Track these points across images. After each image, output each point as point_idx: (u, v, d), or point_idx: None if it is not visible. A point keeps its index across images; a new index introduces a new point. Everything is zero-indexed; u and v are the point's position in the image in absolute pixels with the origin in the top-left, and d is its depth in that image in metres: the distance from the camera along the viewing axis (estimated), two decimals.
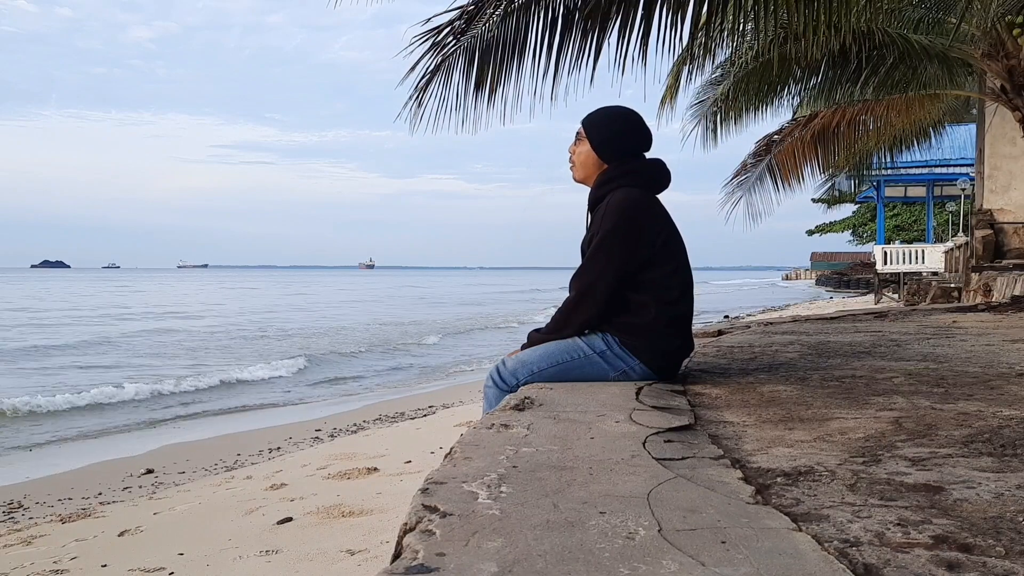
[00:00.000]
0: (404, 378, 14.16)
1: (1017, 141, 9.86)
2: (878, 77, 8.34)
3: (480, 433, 1.80)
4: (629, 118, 2.66)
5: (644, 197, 2.57)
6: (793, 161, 10.14)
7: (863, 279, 42.28)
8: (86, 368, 15.08)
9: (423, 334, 22.26)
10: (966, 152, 21.65)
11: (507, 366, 2.57)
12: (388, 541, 3.54)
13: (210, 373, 13.28)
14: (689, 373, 2.86)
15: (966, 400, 2.31)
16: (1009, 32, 7.48)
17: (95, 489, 6.21)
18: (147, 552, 4.12)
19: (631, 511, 1.24)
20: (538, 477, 1.43)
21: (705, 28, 4.49)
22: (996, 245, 12.00)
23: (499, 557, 1.04)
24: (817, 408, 2.21)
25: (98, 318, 29.62)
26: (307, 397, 11.79)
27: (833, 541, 1.14)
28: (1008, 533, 1.18)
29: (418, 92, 5.28)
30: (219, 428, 9.16)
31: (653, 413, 2.03)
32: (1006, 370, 2.93)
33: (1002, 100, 8.33)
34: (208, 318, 29.92)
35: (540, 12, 4.79)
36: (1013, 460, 1.61)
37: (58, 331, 23.46)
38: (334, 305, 41.57)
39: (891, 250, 25.14)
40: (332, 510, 4.45)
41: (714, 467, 1.55)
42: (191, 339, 21.20)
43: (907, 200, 32.71)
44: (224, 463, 6.97)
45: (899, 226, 41.89)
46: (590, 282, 2.52)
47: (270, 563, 3.71)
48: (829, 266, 65.34)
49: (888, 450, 1.71)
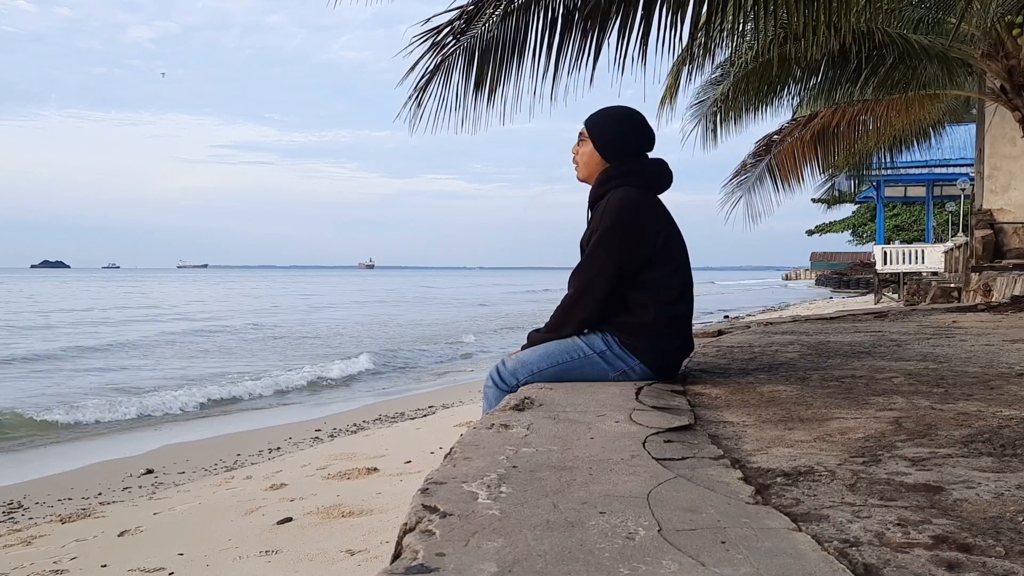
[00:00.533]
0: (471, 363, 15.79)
1: (1017, 141, 9.86)
2: (878, 77, 8.33)
3: (480, 433, 1.80)
4: (632, 118, 2.66)
5: (644, 196, 2.57)
6: (793, 161, 10.14)
7: (863, 279, 42.30)
8: (195, 364, 15.72)
9: (460, 332, 22.89)
10: (966, 152, 21.64)
11: (507, 366, 2.57)
12: (388, 541, 3.54)
13: (300, 370, 13.88)
14: (689, 373, 2.86)
15: (966, 400, 2.31)
16: (1009, 32, 7.48)
17: (95, 489, 6.21)
18: (147, 552, 4.12)
19: (631, 511, 1.24)
20: (538, 477, 1.43)
21: (705, 28, 4.49)
22: (996, 245, 12.00)
23: (499, 557, 1.04)
24: (817, 408, 2.21)
25: (149, 318, 29.79)
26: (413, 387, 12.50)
27: (833, 541, 1.14)
28: (1008, 533, 1.18)
29: (418, 92, 5.28)
30: (219, 428, 9.16)
31: (653, 413, 2.03)
32: (1006, 370, 2.93)
33: (1002, 100, 8.33)
34: (241, 317, 30.27)
35: (540, 12, 4.79)
36: (1013, 460, 1.61)
37: (132, 328, 24.04)
38: (359, 305, 41.48)
39: (891, 250, 25.13)
40: (332, 510, 4.44)
41: (714, 467, 1.55)
42: (262, 337, 21.66)
43: (907, 200, 32.70)
44: (224, 463, 6.97)
45: (899, 226, 41.89)
46: (588, 279, 2.52)
47: (270, 563, 3.71)
48: (829, 266, 65.32)
49: (888, 450, 1.71)
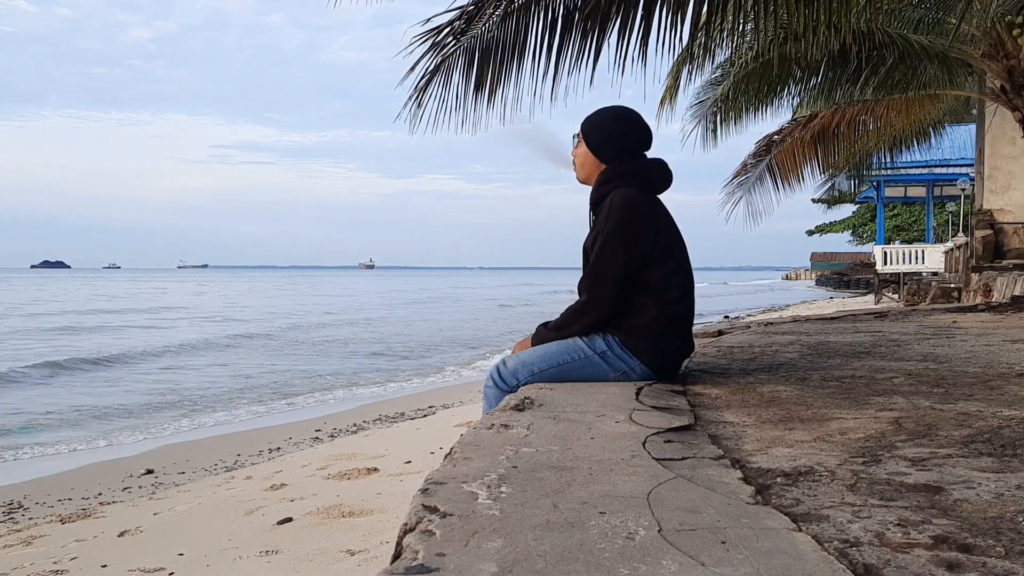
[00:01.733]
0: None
1: (1017, 141, 9.86)
2: (878, 77, 8.33)
3: (480, 433, 1.80)
4: (627, 118, 2.64)
5: (644, 197, 2.57)
6: (793, 161, 10.14)
7: (863, 279, 42.29)
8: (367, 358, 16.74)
9: (503, 333, 23.32)
10: (966, 152, 21.63)
11: (507, 366, 2.57)
12: (388, 541, 3.53)
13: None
14: (689, 373, 2.86)
15: (966, 400, 2.31)
16: (1009, 32, 7.48)
17: (95, 489, 6.21)
18: (147, 552, 4.12)
19: (631, 511, 1.24)
20: (538, 477, 1.43)
21: (705, 28, 4.49)
22: (996, 245, 11.99)
23: (499, 557, 1.04)
24: (817, 408, 2.21)
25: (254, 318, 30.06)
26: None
27: (833, 541, 1.14)
28: (1008, 533, 1.18)
29: (418, 92, 5.28)
30: (218, 428, 9.16)
31: (653, 413, 2.03)
32: (1006, 370, 2.93)
33: (1002, 100, 8.33)
34: (299, 316, 30.93)
35: (540, 12, 4.78)
36: (1013, 460, 1.61)
37: (255, 325, 25.16)
38: (399, 306, 41.30)
39: (891, 250, 25.12)
40: (332, 510, 4.44)
41: (714, 467, 1.55)
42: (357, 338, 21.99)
43: (907, 200, 32.69)
44: (224, 463, 6.97)
45: (899, 226, 41.88)
46: (599, 286, 2.51)
47: (270, 563, 3.71)
48: (829, 266, 65.26)
49: (888, 450, 1.71)
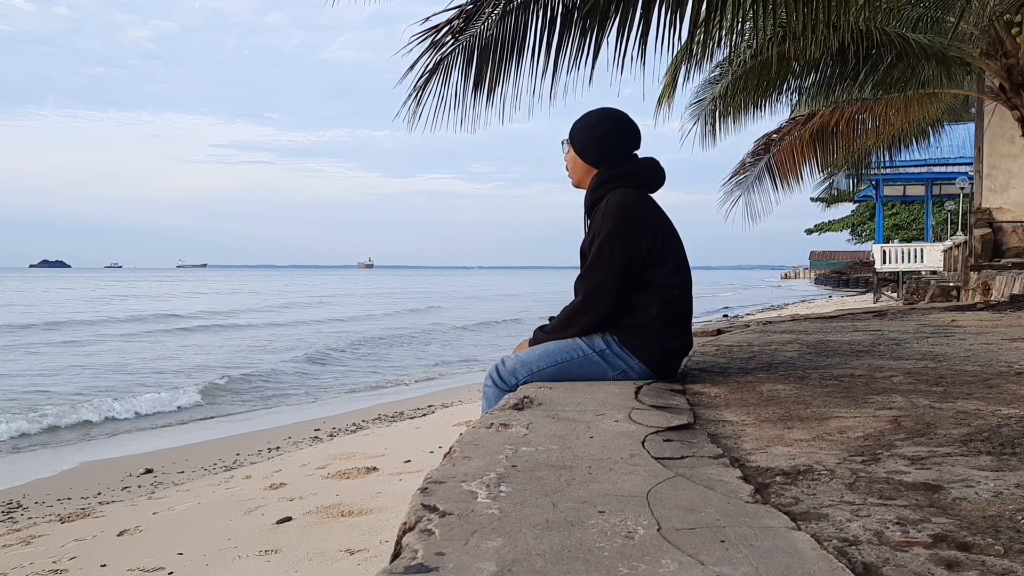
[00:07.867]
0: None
1: (1016, 140, 9.85)
2: (877, 76, 8.32)
3: (479, 432, 1.80)
4: (612, 119, 2.63)
5: (640, 197, 2.57)
6: (792, 160, 10.14)
7: (862, 278, 42.33)
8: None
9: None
10: (965, 151, 21.62)
11: (506, 365, 2.57)
12: (387, 541, 3.54)
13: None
14: (688, 372, 2.86)
15: (965, 399, 2.31)
16: (1007, 31, 7.48)
17: (94, 489, 6.20)
18: (146, 552, 4.12)
19: (630, 510, 1.24)
20: (537, 476, 1.43)
21: (704, 26, 4.48)
22: (995, 244, 11.98)
23: (498, 556, 1.04)
24: (816, 407, 2.21)
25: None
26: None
27: (832, 540, 1.14)
28: (1007, 532, 1.18)
29: (416, 91, 5.27)
30: (218, 428, 9.16)
31: (652, 412, 2.03)
32: (1005, 369, 2.93)
33: (1001, 99, 8.32)
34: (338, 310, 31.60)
35: (539, 11, 4.78)
36: (1012, 459, 1.61)
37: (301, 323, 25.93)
38: (428, 303, 41.56)
39: (890, 249, 25.12)
40: (331, 510, 4.44)
41: (713, 466, 1.55)
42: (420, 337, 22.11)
43: (906, 199, 32.69)
44: (223, 463, 6.96)
45: (898, 225, 41.90)
46: (596, 285, 2.51)
47: (269, 563, 3.71)
48: (828, 265, 65.31)
49: (887, 449, 1.71)
